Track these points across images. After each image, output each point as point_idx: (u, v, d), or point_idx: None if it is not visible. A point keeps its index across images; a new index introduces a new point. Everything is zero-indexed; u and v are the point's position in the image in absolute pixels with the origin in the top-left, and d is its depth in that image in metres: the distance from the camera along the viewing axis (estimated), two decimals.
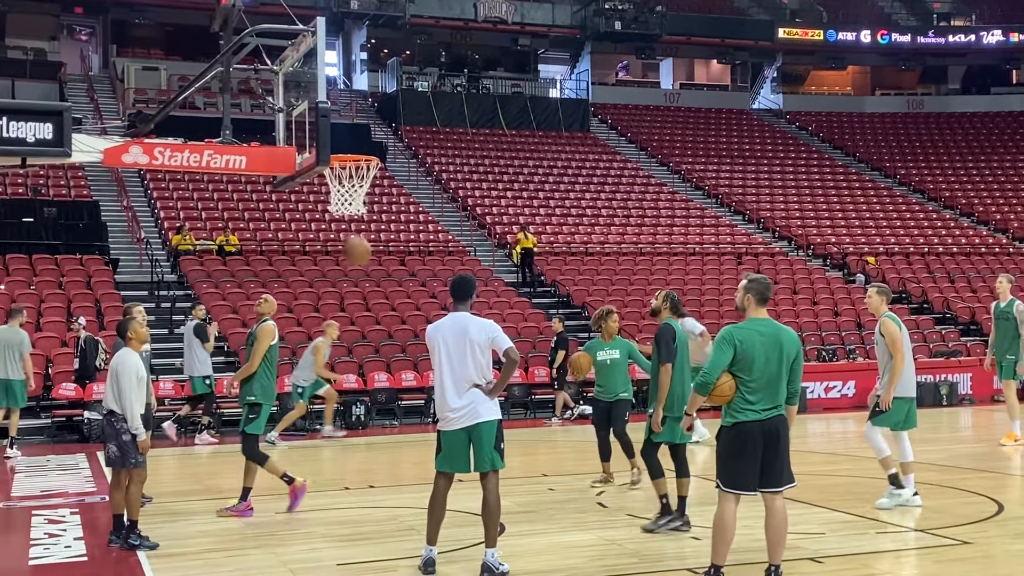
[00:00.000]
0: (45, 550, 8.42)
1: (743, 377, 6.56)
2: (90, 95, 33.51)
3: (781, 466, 6.60)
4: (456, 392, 7.20)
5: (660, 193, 33.81)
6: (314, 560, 7.93)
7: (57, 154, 8.53)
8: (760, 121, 42.76)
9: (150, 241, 24.59)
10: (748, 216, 33.09)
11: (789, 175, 37.09)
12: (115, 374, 8.41)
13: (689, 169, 36.29)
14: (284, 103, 9.87)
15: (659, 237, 30.04)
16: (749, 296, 6.77)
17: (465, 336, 7.21)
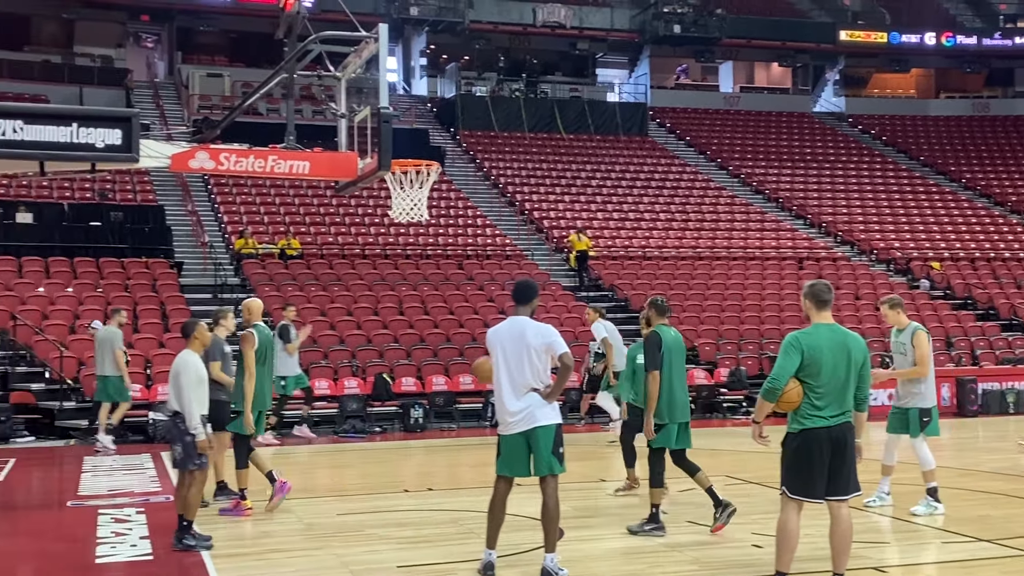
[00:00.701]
0: (111, 548, 8.57)
1: (810, 383, 6.48)
2: (156, 101, 34.11)
3: (848, 474, 6.51)
4: (514, 396, 7.20)
5: (719, 197, 33.55)
6: (375, 562, 7.98)
7: (126, 159, 8.70)
8: (822, 124, 42.25)
9: (214, 245, 24.96)
10: (809, 220, 32.71)
11: (852, 179, 36.60)
12: (175, 376, 8.50)
13: (749, 173, 35.97)
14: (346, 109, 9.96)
15: (718, 241, 29.82)
16: (808, 303, 6.72)
17: (522, 340, 7.22)
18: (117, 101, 32.08)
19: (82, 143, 8.38)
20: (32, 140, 8.29)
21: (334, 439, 17.39)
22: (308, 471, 14.21)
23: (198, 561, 8.05)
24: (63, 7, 35.74)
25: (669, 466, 9.02)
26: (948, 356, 23.38)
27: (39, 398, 17.69)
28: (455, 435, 18.07)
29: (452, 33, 38.96)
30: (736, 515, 8.82)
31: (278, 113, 30.40)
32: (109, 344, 15.39)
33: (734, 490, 11.37)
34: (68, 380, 17.87)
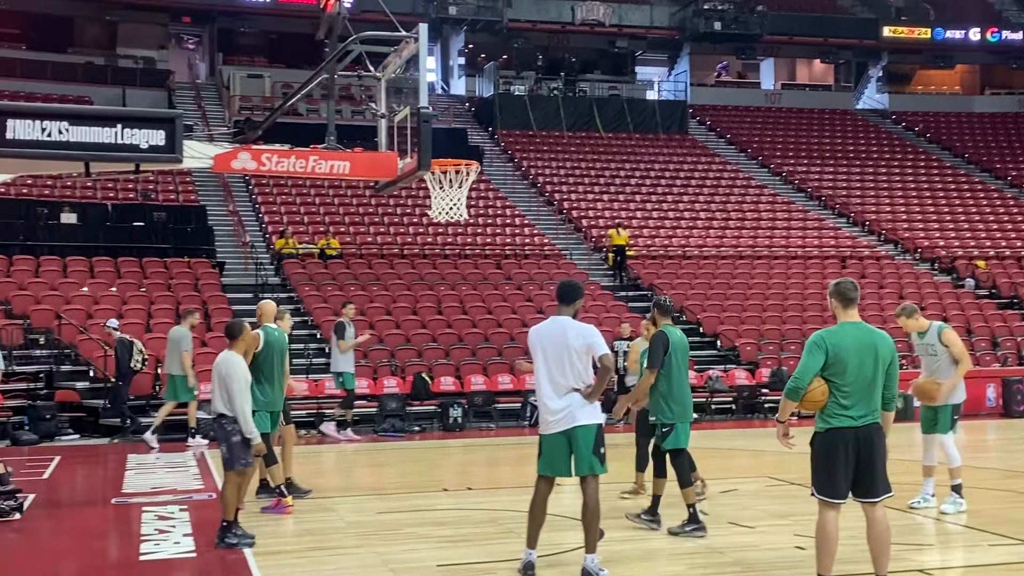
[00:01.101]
0: (155, 546, 8.67)
1: (836, 382, 6.45)
2: (197, 102, 34.47)
3: (876, 475, 6.47)
4: (555, 395, 7.22)
5: (760, 195, 33.34)
6: (415, 560, 8.02)
7: (169, 160, 8.80)
8: (865, 121, 41.85)
9: (255, 245, 25.19)
10: (852, 219, 32.42)
11: (895, 176, 36.21)
12: (223, 377, 8.55)
13: (791, 171, 35.70)
14: (386, 109, 10.01)
15: (759, 240, 29.63)
16: (834, 301, 6.69)
17: (563, 341, 7.23)
18: (159, 102, 32.46)
19: (127, 144, 8.49)
20: (78, 141, 8.41)
21: (374, 438, 17.49)
22: (348, 469, 14.31)
23: (240, 559, 8.13)
24: (106, 9, 36.22)
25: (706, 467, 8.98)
26: (994, 356, 23.08)
27: (83, 396, 17.95)
28: (493, 434, 18.11)
29: (490, 32, 39.02)
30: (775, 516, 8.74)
31: (318, 114, 30.60)
32: (178, 344, 15.66)
33: (776, 491, 11.32)
34: (112, 378, 18.10)
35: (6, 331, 18.47)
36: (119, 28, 37.31)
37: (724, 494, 11.01)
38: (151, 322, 20.44)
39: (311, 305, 21.89)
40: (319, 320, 21.17)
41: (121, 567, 8.09)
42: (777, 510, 10.00)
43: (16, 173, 9.82)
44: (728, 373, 21.04)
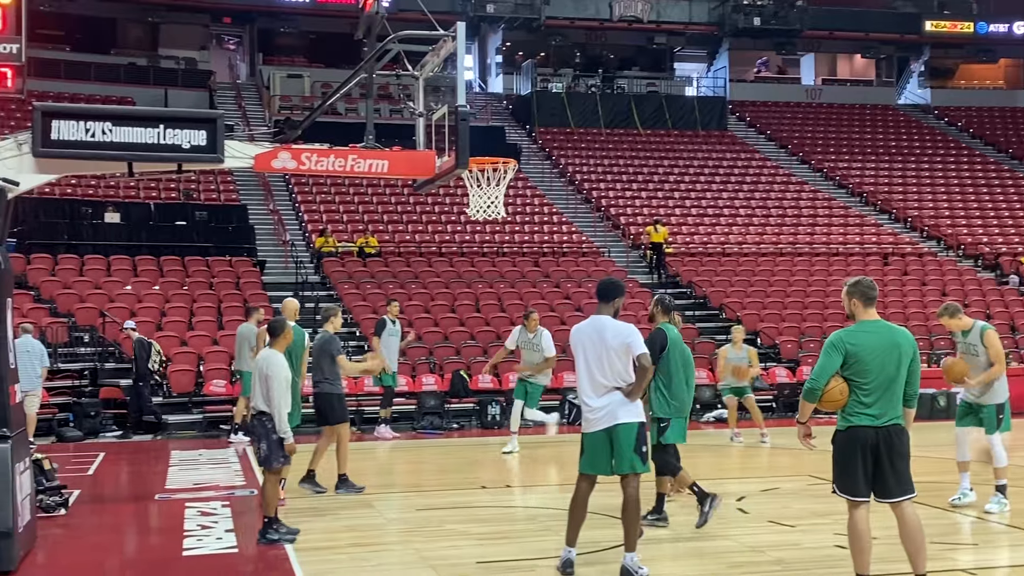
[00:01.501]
0: (198, 541, 8.77)
1: (858, 380, 6.41)
2: (238, 102, 34.77)
3: (896, 476, 6.42)
4: (595, 394, 7.23)
5: (801, 192, 33.09)
6: (454, 557, 8.05)
7: (211, 160, 8.89)
8: (907, 117, 41.40)
9: (295, 243, 25.38)
10: (894, 215, 32.08)
11: (938, 172, 35.79)
12: (264, 376, 8.63)
13: (832, 167, 35.40)
14: (424, 107, 10.04)
15: (800, 237, 29.41)
16: (855, 300, 6.61)
17: (602, 340, 7.23)
18: (201, 102, 32.80)
19: (169, 144, 8.59)
20: (121, 141, 8.51)
21: (412, 435, 17.56)
22: (387, 467, 14.38)
23: (282, 554, 8.21)
24: (148, 11, 36.65)
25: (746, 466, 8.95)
26: None
27: (127, 393, 18.16)
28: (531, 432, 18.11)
29: (528, 30, 39.01)
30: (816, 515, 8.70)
31: (356, 113, 30.77)
32: (246, 341, 15.81)
33: (817, 490, 11.23)
34: (155, 376, 18.33)
35: (51, 329, 18.75)
36: (161, 29, 37.74)
37: (765, 492, 10.95)
38: (193, 320, 20.66)
39: (350, 303, 22.02)
40: (358, 318, 21.29)
41: (164, 562, 8.18)
42: (818, 509, 9.93)
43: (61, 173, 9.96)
44: (768, 371, 20.90)
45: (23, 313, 18.42)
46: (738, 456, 14.75)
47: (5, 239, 8.56)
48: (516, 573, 7.57)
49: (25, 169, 8.33)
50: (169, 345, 19.20)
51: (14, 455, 7.84)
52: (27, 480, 8.41)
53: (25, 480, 8.30)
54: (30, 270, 21.59)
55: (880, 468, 6.42)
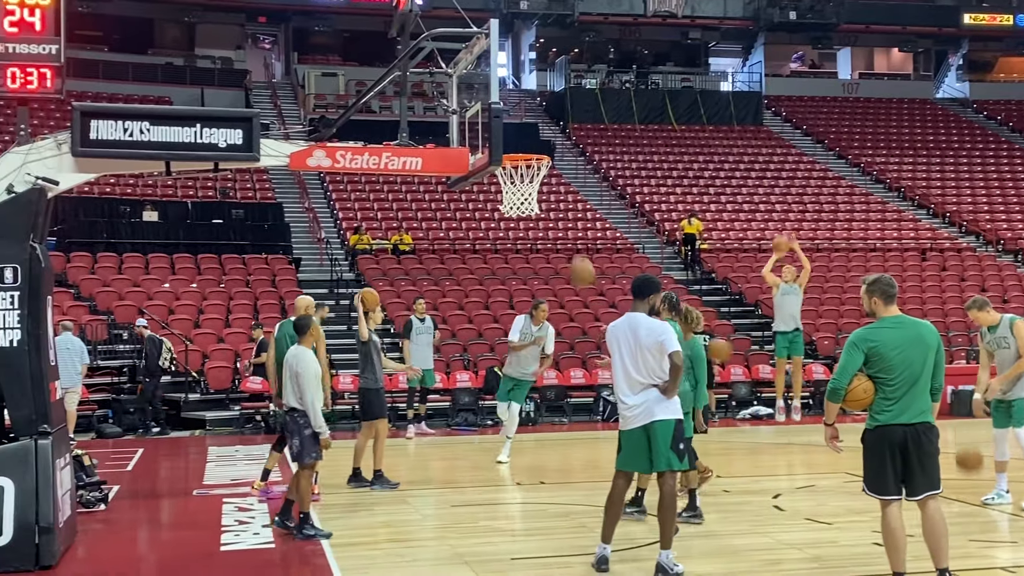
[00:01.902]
0: (235, 536, 8.86)
1: (883, 378, 6.36)
2: (273, 101, 34.99)
3: (925, 473, 6.37)
4: (630, 391, 7.22)
5: (838, 187, 32.81)
6: (489, 554, 8.07)
7: (247, 158, 8.95)
8: (945, 111, 40.93)
9: (329, 241, 25.53)
10: (933, 210, 31.74)
11: (977, 167, 35.36)
12: (295, 373, 8.72)
13: (869, 162, 35.07)
14: (458, 105, 10.05)
15: (836, 233, 29.17)
16: (875, 298, 6.55)
17: (635, 337, 7.23)
18: (237, 101, 33.05)
19: (205, 143, 8.66)
20: (158, 140, 8.60)
21: (447, 431, 17.61)
22: (422, 463, 14.43)
23: (318, 549, 8.27)
24: (185, 11, 36.95)
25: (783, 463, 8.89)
26: None
27: (165, 390, 18.35)
28: (566, 429, 18.11)
29: (561, 26, 38.94)
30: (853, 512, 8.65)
31: (391, 111, 30.86)
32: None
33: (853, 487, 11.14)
34: (193, 372, 18.51)
35: (91, 327, 18.98)
36: (197, 29, 38.03)
37: (801, 490, 10.89)
38: (230, 317, 20.84)
39: (385, 300, 22.08)
40: (392, 315, 21.38)
41: (202, 557, 8.27)
42: (855, 506, 9.85)
43: (100, 173, 10.07)
44: (805, 368, 20.73)
45: (63, 311, 18.67)
46: (773, 453, 14.67)
47: (45, 237, 8.69)
48: (550, 569, 7.58)
49: (64, 168, 8.43)
50: (206, 342, 19.39)
51: (55, 451, 7.96)
52: (67, 476, 8.54)
53: (65, 476, 8.42)
54: (70, 268, 21.86)
55: (909, 466, 6.38)
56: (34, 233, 8.13)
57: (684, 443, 7.38)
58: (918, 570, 6.68)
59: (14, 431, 7.93)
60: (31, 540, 7.68)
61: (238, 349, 19.29)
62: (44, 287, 8.20)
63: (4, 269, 7.92)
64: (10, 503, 7.68)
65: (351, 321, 21.47)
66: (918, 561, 6.62)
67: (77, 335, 16.24)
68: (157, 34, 38.34)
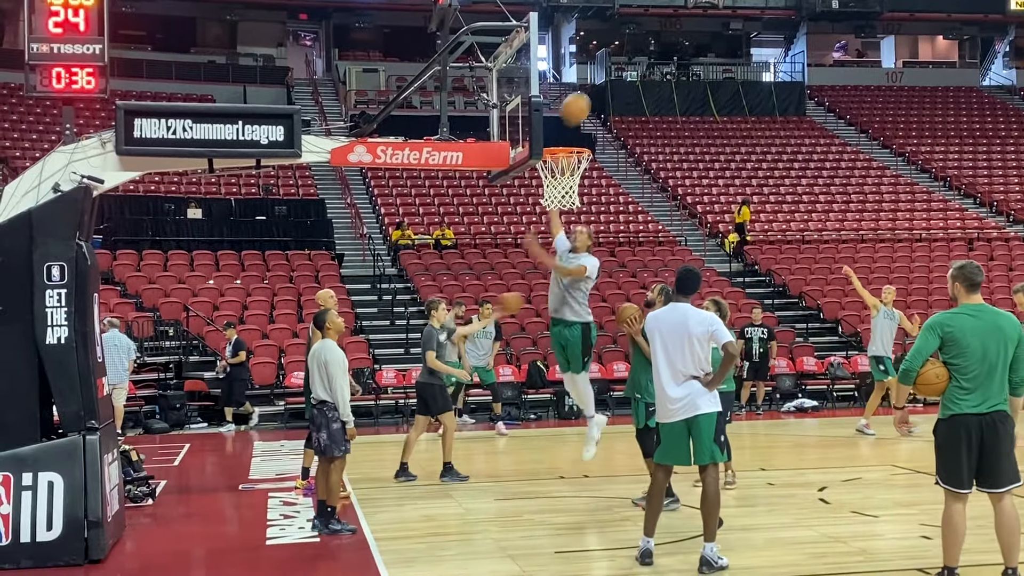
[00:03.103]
0: (281, 531, 8.93)
1: (957, 364, 6.25)
2: (315, 98, 35.19)
3: (1001, 464, 6.25)
4: (674, 383, 7.18)
5: (882, 177, 32.42)
6: (532, 548, 8.07)
7: (288, 155, 9.00)
8: (991, 99, 40.28)
9: (372, 236, 25.63)
10: (980, 199, 31.26)
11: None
12: (323, 364, 8.73)
13: (914, 151, 34.61)
14: (497, 99, 10.04)
15: (882, 223, 28.83)
16: (958, 284, 6.45)
17: (684, 328, 7.19)
18: (278, 99, 33.30)
19: (247, 140, 8.72)
20: (201, 138, 8.68)
21: (490, 426, 17.63)
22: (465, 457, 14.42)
23: (362, 542, 8.31)
24: (227, 9, 37.25)
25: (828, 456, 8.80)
26: None
27: (210, 386, 18.54)
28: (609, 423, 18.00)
29: (601, 19, 38.80)
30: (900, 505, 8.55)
31: (431, 106, 30.91)
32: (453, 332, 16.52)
33: (901, 479, 11.04)
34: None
35: (137, 323, 19.21)
36: (239, 27, 38.33)
37: (847, 483, 10.78)
38: (274, 313, 20.99)
39: (427, 295, 22.14)
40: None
41: (248, 550, 8.34)
42: (901, 499, 9.76)
43: (144, 171, 10.18)
44: (850, 360, 20.55)
45: (110, 308, 18.92)
46: (818, 446, 14.54)
47: (91, 236, 8.79)
48: (594, 563, 7.57)
49: (109, 167, 8.53)
50: (251, 338, 19.54)
51: (102, 447, 8.06)
52: (115, 471, 8.64)
53: (113, 471, 8.52)
54: (116, 266, 22.14)
55: (984, 457, 6.26)
56: (80, 231, 8.23)
57: (724, 435, 7.34)
58: (968, 562, 6.58)
59: (63, 427, 8.05)
60: (80, 534, 7.79)
61: (282, 345, 19.44)
62: (91, 285, 8.31)
63: (51, 267, 8.03)
64: (59, 498, 7.79)
65: (394, 316, 21.61)
66: (966, 555, 6.52)
67: (123, 332, 16.44)
68: (199, 33, 38.68)
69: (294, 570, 7.78)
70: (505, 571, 7.35)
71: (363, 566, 7.66)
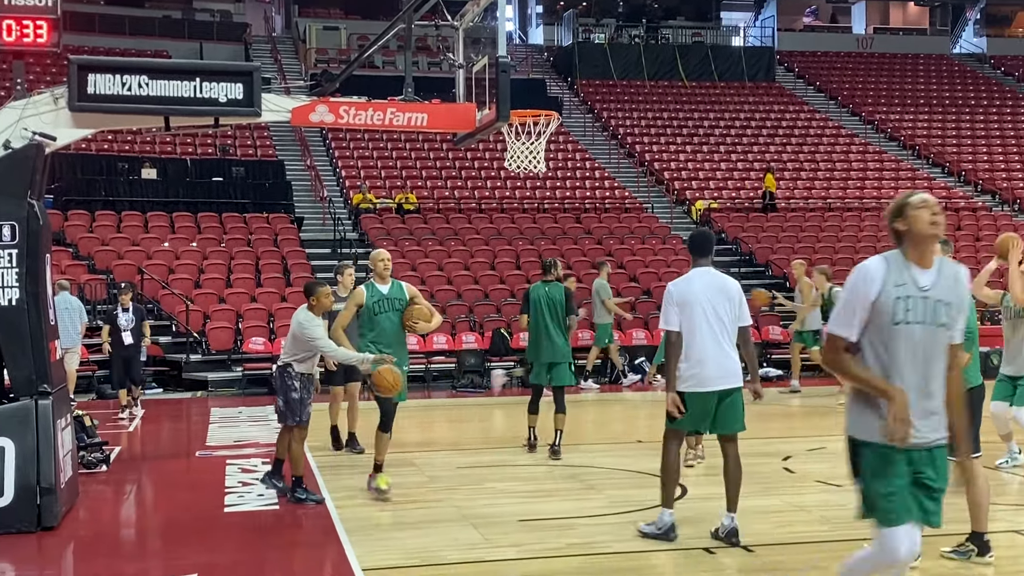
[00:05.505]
0: (239, 498, 8.91)
1: None
2: (274, 56, 34.79)
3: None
4: (732, 350, 7.11)
5: (851, 145, 32.65)
6: (495, 515, 8.11)
7: (248, 114, 8.90)
8: (962, 67, 40.61)
9: (332, 200, 25.46)
10: (948, 168, 31.58)
11: (993, 124, 35.13)
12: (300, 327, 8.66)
13: (883, 119, 34.87)
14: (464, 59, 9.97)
15: (850, 192, 29.07)
16: None
17: (726, 292, 7.15)
18: (236, 56, 32.86)
19: (205, 98, 8.61)
20: (157, 95, 8.55)
21: (452, 394, 17.67)
22: (427, 425, 14.48)
23: (323, 511, 8.32)
24: None
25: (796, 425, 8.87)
26: None
27: (166, 351, 18.40)
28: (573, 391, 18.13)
29: None
30: None
31: (394, 66, 30.72)
32: (598, 294, 17.74)
33: None
34: (194, 333, 18.56)
35: (89, 286, 19.01)
36: None
37: (812, 452, 10.92)
38: (231, 277, 20.84)
39: None
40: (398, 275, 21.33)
41: (206, 518, 8.32)
42: None
43: (97, 128, 10.03)
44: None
45: (61, 270, 18.69)
46: (784, 416, 14.70)
47: (43, 195, 8.67)
48: (557, 531, 7.62)
49: (61, 124, 8.40)
50: (208, 302, 19.42)
51: (55, 411, 7.99)
52: (68, 436, 8.58)
53: (66, 436, 8.46)
54: (68, 226, 21.85)
55: None
56: (32, 190, 8.12)
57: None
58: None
59: (14, 391, 7.97)
60: (33, 501, 7.74)
61: (239, 309, 19.32)
62: (42, 245, 8.20)
63: (2, 226, 7.92)
64: (11, 464, 7.73)
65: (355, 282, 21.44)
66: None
67: (75, 295, 16.25)
68: None
69: (253, 538, 7.78)
70: (467, 539, 7.39)
71: (323, 534, 7.67)
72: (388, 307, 9.01)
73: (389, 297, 9.12)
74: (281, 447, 8.94)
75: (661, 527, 7.26)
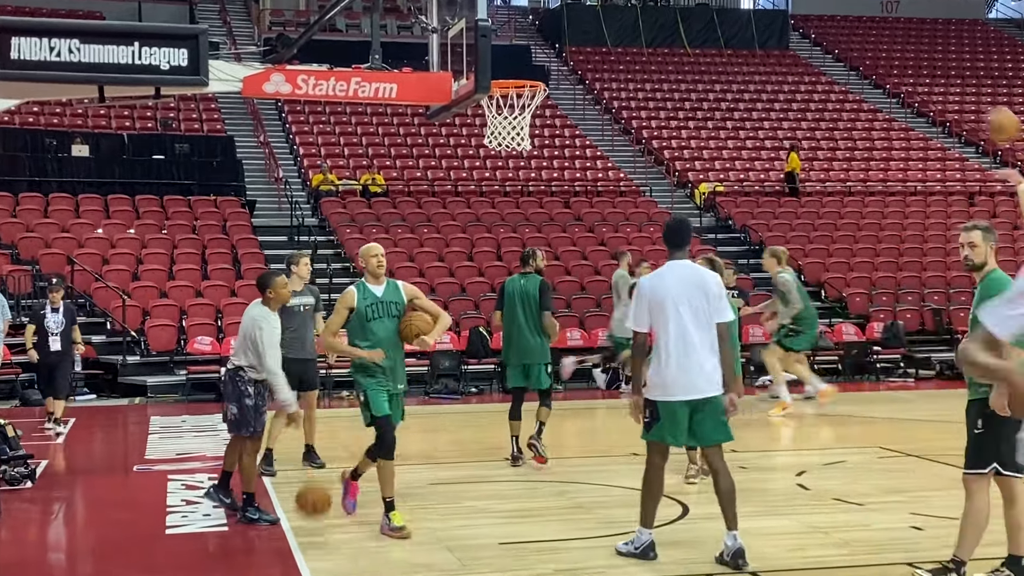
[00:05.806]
0: (183, 518, 8.89)
1: None
2: (223, 17, 34.72)
3: None
4: (711, 353, 7.11)
5: (874, 121, 32.81)
6: (473, 537, 8.12)
7: (194, 83, 8.90)
8: (998, 33, 40.86)
9: (289, 181, 25.44)
10: (982, 148, 31.78)
11: None
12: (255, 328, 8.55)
13: (910, 92, 35.05)
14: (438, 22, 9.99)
15: (872, 173, 29.22)
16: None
17: (703, 288, 7.16)
18: (180, 18, 32.76)
19: (145, 64, 8.59)
20: (90, 62, 8.52)
21: (424, 400, 17.68)
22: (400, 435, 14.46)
23: (277, 533, 8.30)
24: None
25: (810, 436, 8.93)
26: None
27: (100, 352, 18.33)
28: (560, 397, 18.18)
29: None
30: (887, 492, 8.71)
31: (359, 30, 30.69)
32: (617, 288, 17.27)
33: (889, 463, 11.26)
34: (132, 331, 18.49)
35: (12, 278, 18.92)
36: None
37: (829, 466, 10.98)
38: (174, 268, 20.79)
39: (352, 250, 22.06)
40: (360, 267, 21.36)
41: (145, 541, 8.29)
42: (889, 485, 9.96)
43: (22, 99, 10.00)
44: (833, 328, 20.87)
45: None
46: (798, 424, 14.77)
47: None
48: (542, 555, 7.63)
49: None
50: (147, 296, 19.36)
51: None
52: None
53: None
54: None
55: None
56: None
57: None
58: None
59: None
60: None
61: (183, 305, 19.27)
62: None
63: None
64: None
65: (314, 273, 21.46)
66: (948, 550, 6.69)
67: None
68: None
69: (199, 562, 7.77)
70: (442, 563, 7.40)
71: (279, 557, 7.67)
72: (383, 312, 8.46)
73: (384, 300, 8.55)
74: (230, 459, 8.90)
75: (639, 546, 7.30)
